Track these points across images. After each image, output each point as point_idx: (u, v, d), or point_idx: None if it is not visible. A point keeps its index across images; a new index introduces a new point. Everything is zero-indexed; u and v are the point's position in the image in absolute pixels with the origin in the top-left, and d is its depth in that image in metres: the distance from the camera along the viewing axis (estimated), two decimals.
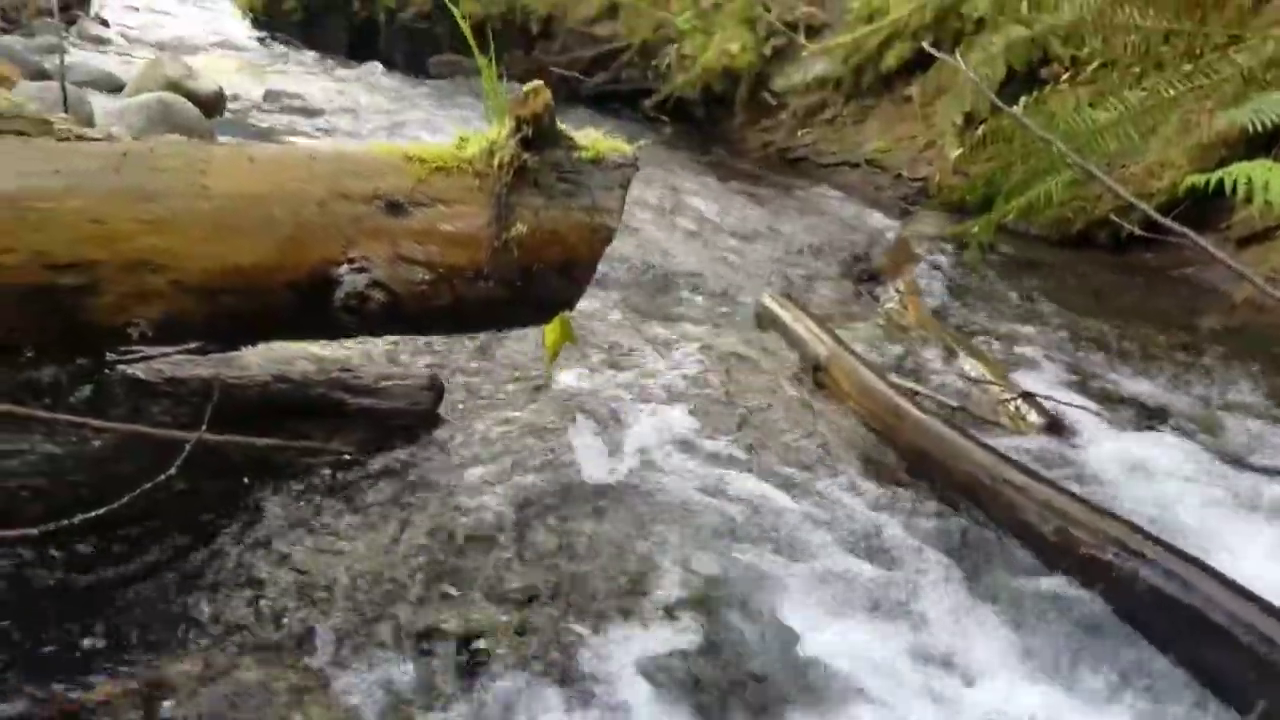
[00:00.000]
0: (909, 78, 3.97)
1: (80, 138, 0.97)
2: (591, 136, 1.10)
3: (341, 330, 1.10)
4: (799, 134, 4.22)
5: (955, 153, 3.04)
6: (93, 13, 6.35)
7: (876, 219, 3.32)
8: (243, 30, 7.78)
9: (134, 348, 1.13)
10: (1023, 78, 3.19)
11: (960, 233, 2.83)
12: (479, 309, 1.08)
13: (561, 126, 1.08)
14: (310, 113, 4.03)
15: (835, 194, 3.70)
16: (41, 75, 3.11)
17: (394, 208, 1.00)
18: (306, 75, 5.17)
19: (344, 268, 0.99)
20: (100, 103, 2.65)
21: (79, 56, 4.39)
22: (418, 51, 6.02)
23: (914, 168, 3.71)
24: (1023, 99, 2.94)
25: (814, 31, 4.26)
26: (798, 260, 2.75)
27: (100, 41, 5.19)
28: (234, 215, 0.96)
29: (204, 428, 1.04)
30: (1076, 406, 1.74)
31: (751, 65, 4.30)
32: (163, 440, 1.05)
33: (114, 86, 3.45)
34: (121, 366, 1.21)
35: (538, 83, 1.06)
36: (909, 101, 3.93)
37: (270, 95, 4.12)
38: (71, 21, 5.78)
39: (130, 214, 0.94)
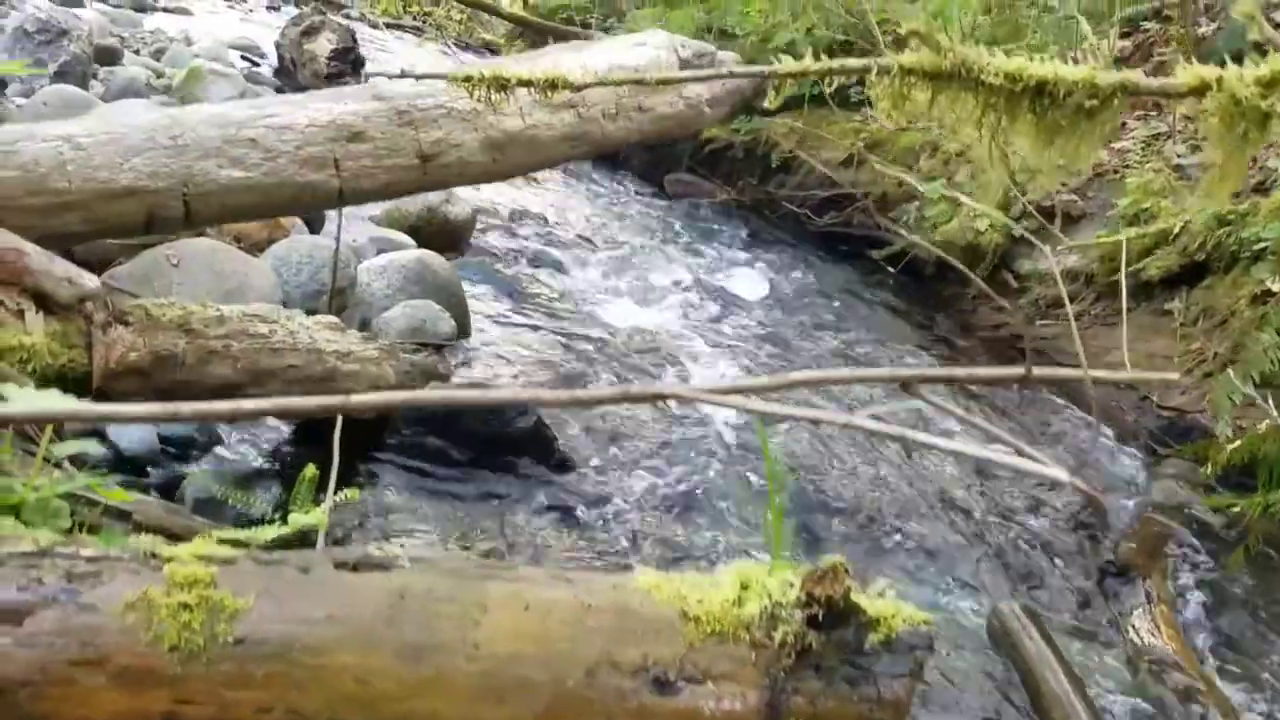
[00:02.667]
0: (1172, 290, 3.70)
1: (358, 565, 0.96)
2: (882, 605, 1.01)
3: None
4: (1038, 323, 4.00)
5: (1224, 428, 2.75)
6: (364, 75, 6.75)
7: (1121, 460, 3.07)
8: None
9: None
10: None
11: (1220, 507, 2.57)
12: None
13: (856, 598, 0.99)
14: (554, 241, 4.12)
15: (1071, 410, 3.47)
16: None
17: (661, 685, 0.95)
18: (550, 182, 5.30)
19: None
20: (364, 265, 2.79)
21: None
22: (657, 163, 6.13)
23: (1165, 394, 3.43)
24: None
25: (1071, 220, 4.05)
26: (1024, 519, 2.56)
27: None
28: (497, 678, 0.93)
29: None
30: None
31: (997, 245, 4.12)
32: None
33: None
34: None
35: (837, 560, 0.98)
36: (1168, 315, 3.66)
37: (515, 215, 4.25)
38: None
39: (397, 674, 0.92)
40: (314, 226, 3.08)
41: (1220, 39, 4.50)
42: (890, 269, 4.75)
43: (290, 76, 6.66)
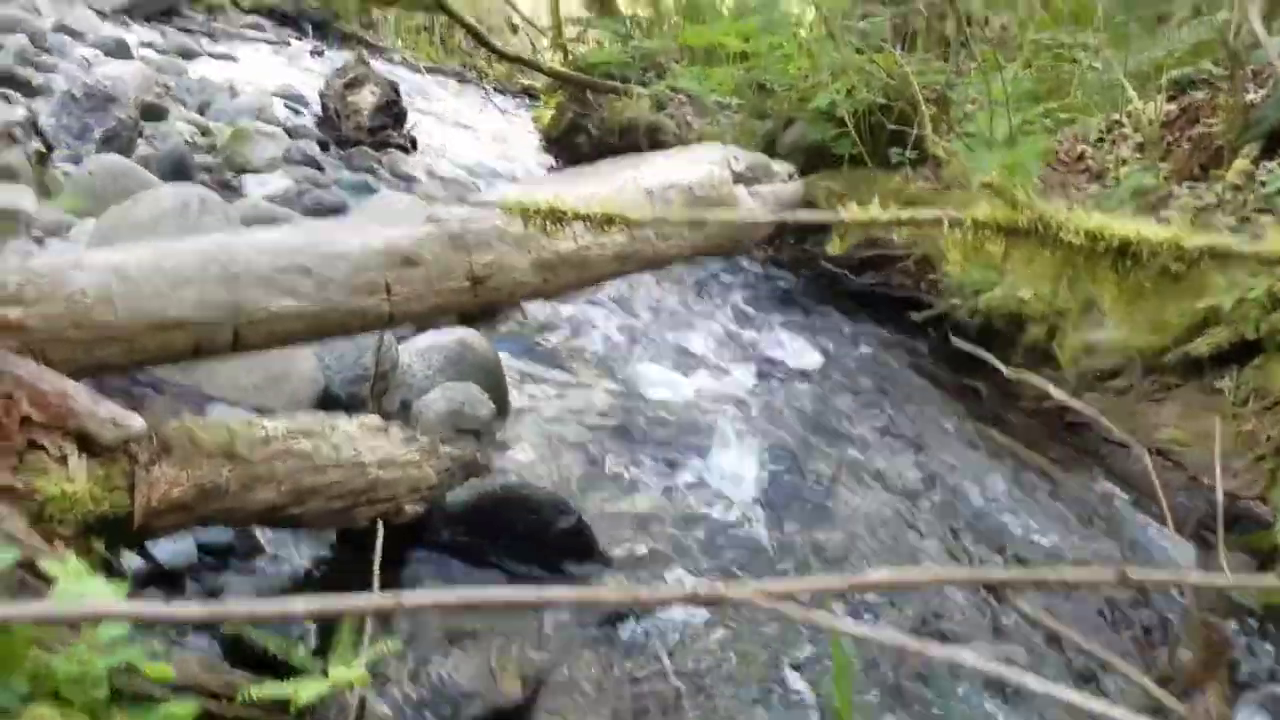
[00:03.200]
0: (1222, 368, 3.62)
1: None
2: None
3: None
4: (1083, 396, 3.92)
5: None
6: (407, 129, 6.79)
7: (1168, 547, 2.99)
8: (533, 153, 8.20)
9: None
10: None
11: (1271, 605, 2.49)
12: None
13: None
14: (593, 300, 4.09)
15: (1117, 491, 3.40)
16: None
17: None
18: None
19: None
20: (405, 347, 2.79)
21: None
22: None
23: (1214, 475, 3.34)
24: None
25: None
26: (1078, 612, 2.50)
27: (407, 179, 5.55)
28: None
29: None
30: None
31: (1044, 316, 4.06)
32: None
33: None
34: None
35: None
36: (1218, 394, 3.58)
37: None
38: (382, 145, 6.26)
39: None
40: None
41: (1268, 107, 4.44)
42: (930, 330, 4.72)
43: (333, 127, 6.74)
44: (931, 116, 5.00)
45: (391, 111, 6.47)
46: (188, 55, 8.26)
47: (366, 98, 6.49)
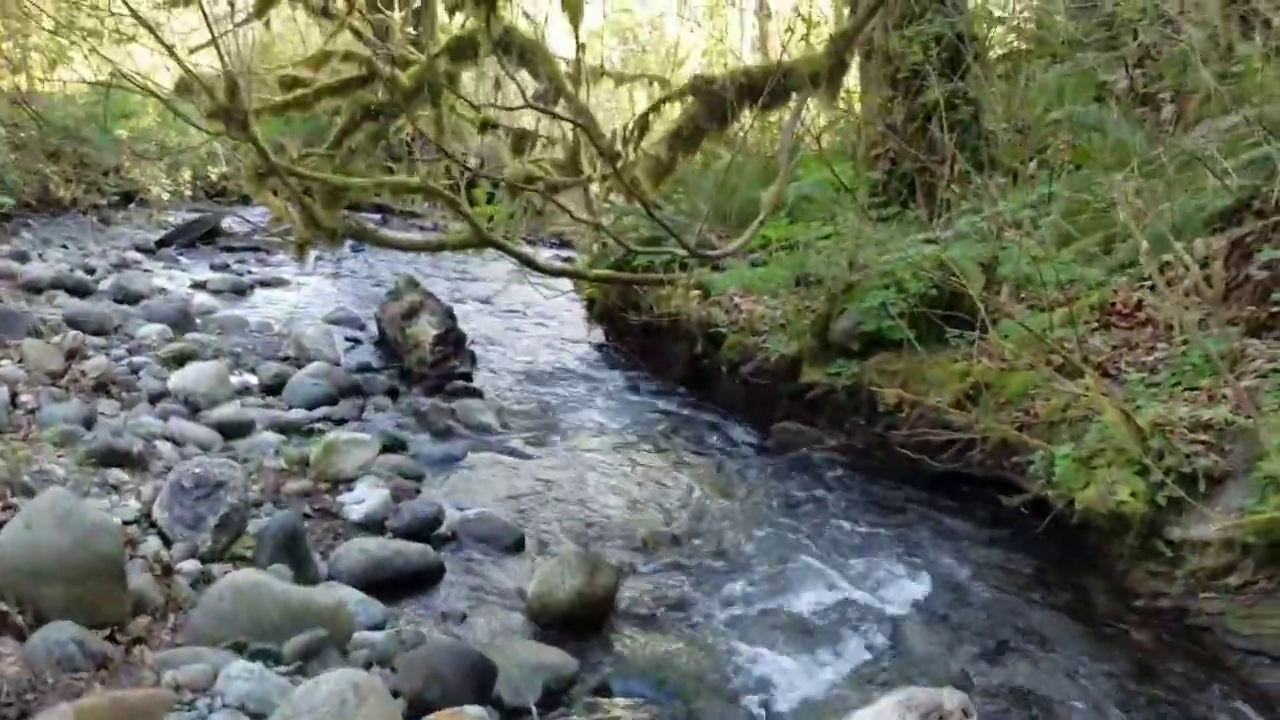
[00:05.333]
0: None
1: None
2: None
3: None
4: (1200, 596, 3.87)
5: None
6: (466, 365, 6.79)
7: None
8: (583, 329, 8.32)
9: None
10: None
11: None
12: None
13: None
14: (685, 567, 4.11)
15: (1250, 713, 3.32)
16: None
17: None
18: (666, 455, 5.35)
19: None
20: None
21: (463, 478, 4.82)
22: (756, 404, 6.18)
23: None
24: None
25: (1214, 482, 3.94)
26: None
27: (484, 431, 5.60)
28: None
29: None
30: None
31: (1143, 514, 4.02)
32: None
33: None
34: None
35: None
36: None
37: (655, 547, 4.29)
38: (447, 378, 6.40)
39: None
40: None
41: None
42: (1023, 512, 4.68)
43: (394, 355, 6.96)
44: (981, 293, 5.05)
45: (450, 339, 6.66)
46: (240, 292, 8.59)
47: (426, 329, 6.69)
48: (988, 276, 5.36)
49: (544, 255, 12.84)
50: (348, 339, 7.43)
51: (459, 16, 9.14)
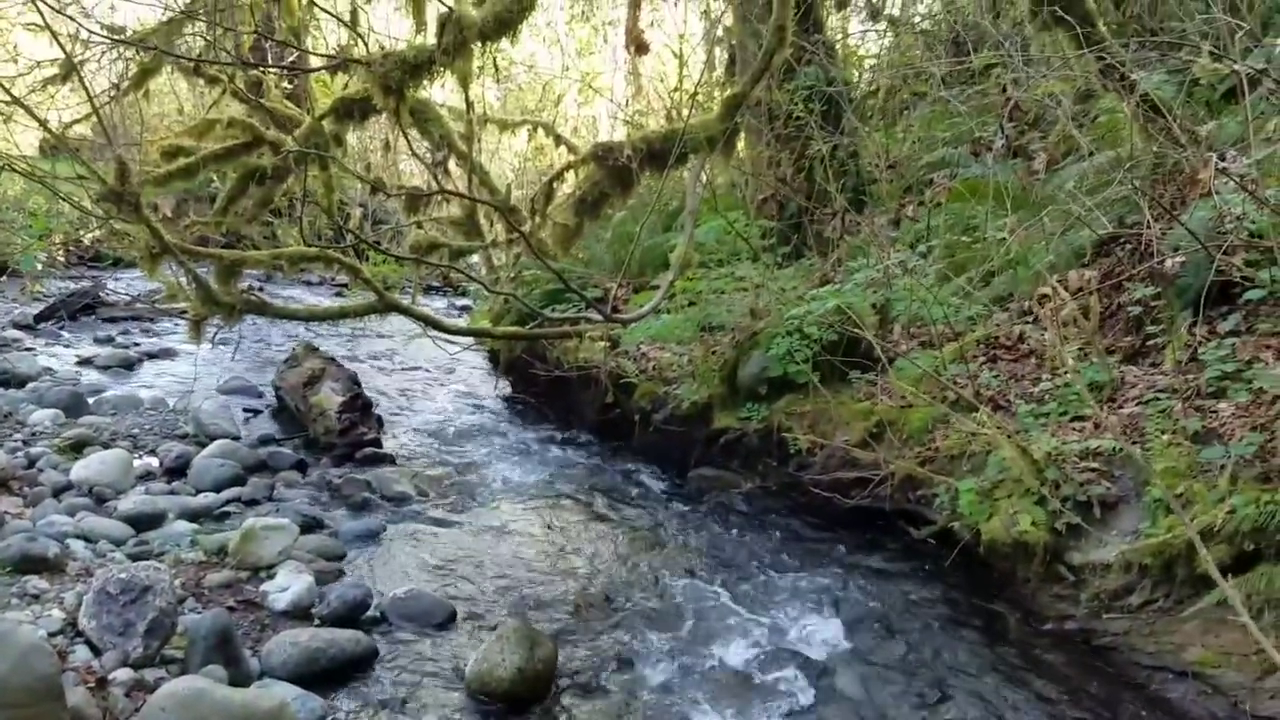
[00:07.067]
0: (1227, 579, 3.83)
1: None
2: None
3: None
4: (1103, 617, 4.12)
5: None
6: (375, 430, 6.67)
7: None
8: (490, 383, 8.29)
9: None
10: None
11: None
12: None
13: None
14: (621, 623, 4.15)
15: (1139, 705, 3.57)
16: None
17: None
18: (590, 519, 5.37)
19: None
20: None
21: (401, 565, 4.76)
22: (671, 451, 6.28)
23: (1256, 698, 3.54)
24: None
25: (1108, 507, 4.22)
26: None
27: (401, 500, 5.54)
28: None
29: None
30: None
31: (1045, 542, 4.27)
32: None
33: None
34: None
35: None
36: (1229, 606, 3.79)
37: (582, 612, 4.32)
38: (356, 446, 6.30)
39: None
40: None
41: (1189, 273, 4.75)
42: (931, 540, 4.90)
43: (298, 424, 6.82)
44: (876, 334, 5.28)
45: (357, 405, 6.57)
46: (128, 366, 8.28)
47: (330, 396, 6.59)
48: (881, 317, 5.62)
49: (436, 305, 12.77)
50: (246, 410, 7.25)
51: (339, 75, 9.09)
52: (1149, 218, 5.00)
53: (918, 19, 9.06)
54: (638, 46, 11.88)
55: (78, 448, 5.49)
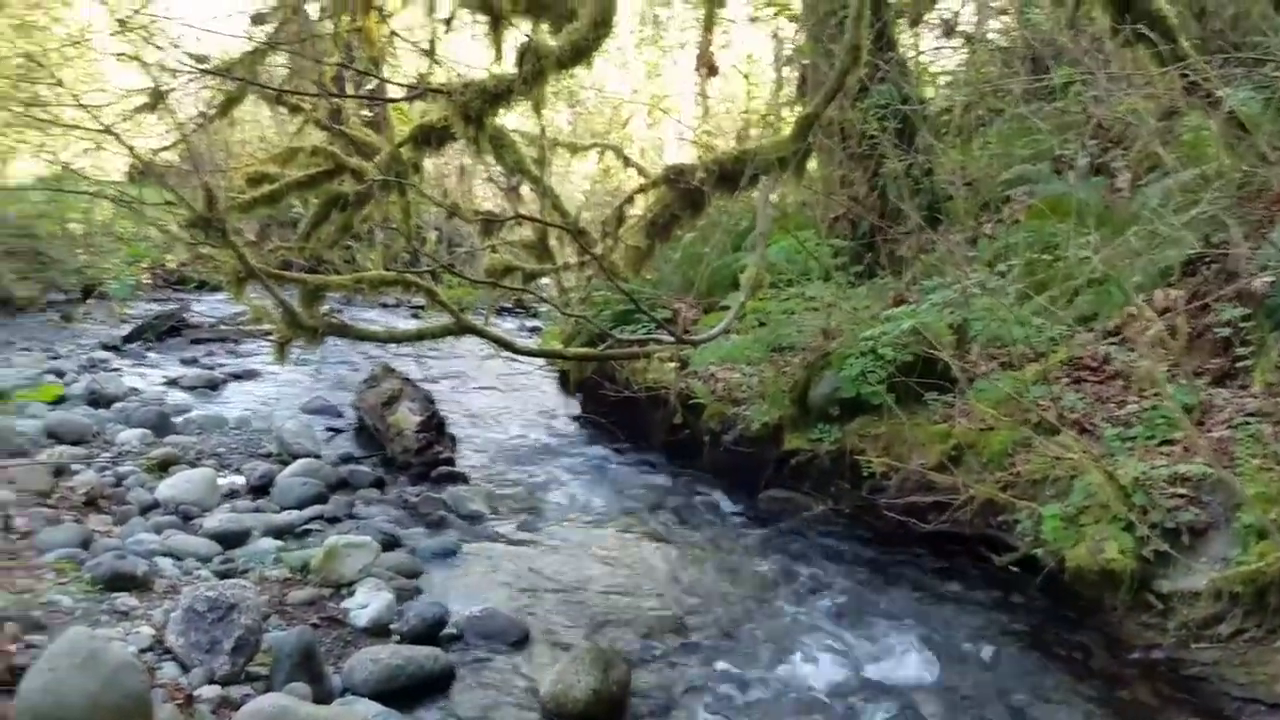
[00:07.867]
0: None
1: None
2: None
3: None
4: (1192, 646, 3.99)
5: None
6: (449, 450, 6.68)
7: None
8: (559, 402, 8.35)
9: None
10: None
11: None
12: None
13: None
14: (696, 648, 4.11)
15: None
16: None
17: None
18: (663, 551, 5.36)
19: None
20: None
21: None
22: (740, 472, 6.25)
23: None
24: None
25: (1197, 534, 4.09)
26: None
27: (476, 519, 5.60)
28: None
29: None
30: None
31: (1132, 569, 4.15)
32: None
33: None
34: None
35: None
36: None
37: (660, 631, 4.30)
38: (433, 465, 6.39)
39: None
40: None
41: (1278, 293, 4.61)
42: (1014, 570, 4.78)
43: (376, 444, 6.95)
44: (954, 355, 5.20)
45: (433, 424, 6.67)
46: (213, 386, 8.54)
47: (407, 416, 6.70)
48: (959, 338, 5.53)
49: (507, 325, 12.92)
50: (327, 429, 7.42)
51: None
52: (1237, 236, 4.86)
53: (992, 35, 8.95)
54: (709, 69, 11.95)
55: (164, 466, 5.66)
